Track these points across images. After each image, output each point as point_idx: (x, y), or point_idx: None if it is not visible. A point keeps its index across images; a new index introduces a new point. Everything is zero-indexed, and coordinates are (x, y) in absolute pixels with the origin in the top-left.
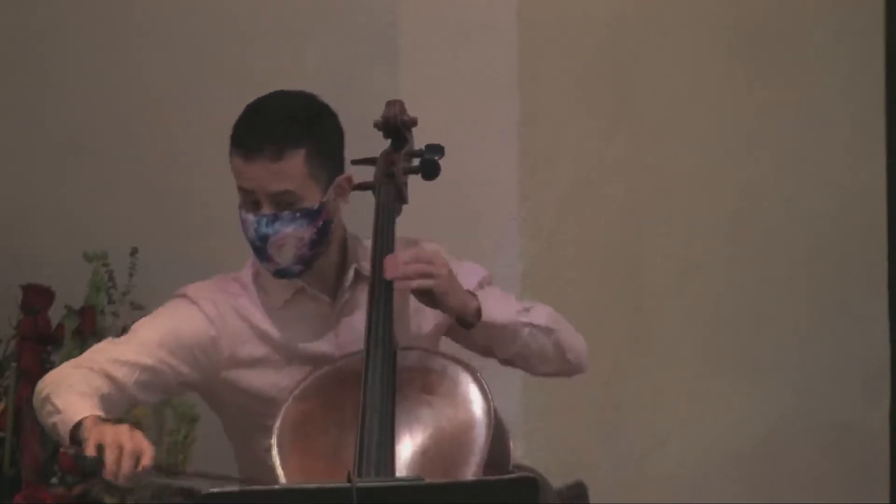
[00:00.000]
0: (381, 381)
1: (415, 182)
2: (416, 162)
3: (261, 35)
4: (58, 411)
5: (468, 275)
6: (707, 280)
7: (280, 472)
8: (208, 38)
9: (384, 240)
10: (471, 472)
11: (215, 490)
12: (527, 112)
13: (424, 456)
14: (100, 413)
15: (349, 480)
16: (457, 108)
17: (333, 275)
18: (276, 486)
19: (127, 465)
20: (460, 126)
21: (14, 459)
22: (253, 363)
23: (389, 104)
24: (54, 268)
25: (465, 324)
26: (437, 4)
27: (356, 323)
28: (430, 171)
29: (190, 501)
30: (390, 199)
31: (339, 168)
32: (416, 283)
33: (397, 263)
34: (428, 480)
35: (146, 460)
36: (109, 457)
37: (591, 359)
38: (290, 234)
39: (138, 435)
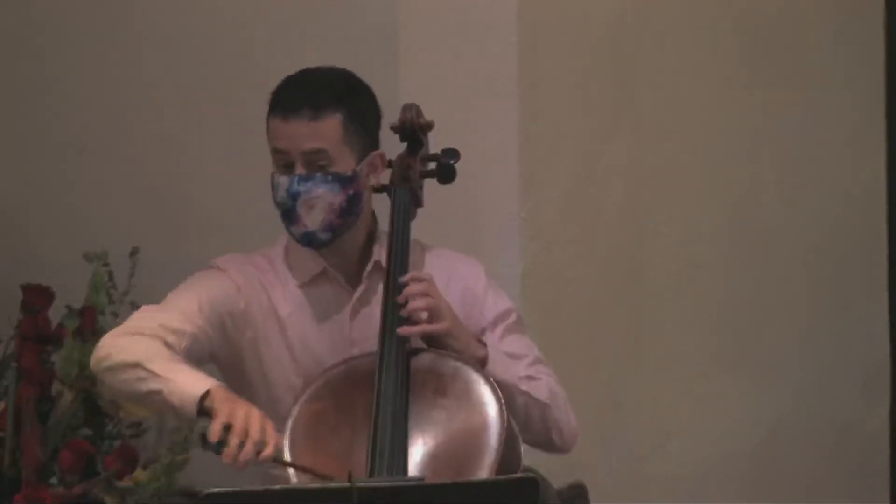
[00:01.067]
0: (394, 382)
1: None
2: (431, 166)
3: (261, 35)
4: (159, 377)
5: (496, 300)
6: (707, 280)
7: (291, 470)
8: (208, 39)
9: (399, 243)
10: (482, 475)
11: (215, 490)
12: (527, 112)
13: (436, 458)
14: (218, 382)
15: (349, 480)
16: (457, 108)
17: (356, 261)
18: (277, 487)
19: (248, 451)
20: (460, 126)
21: (14, 459)
22: (268, 343)
23: (406, 108)
24: (54, 268)
25: None
26: (437, 4)
27: (372, 316)
28: (446, 175)
29: (190, 501)
30: (406, 202)
31: (374, 144)
32: (419, 330)
33: (406, 307)
34: (428, 480)
35: (268, 451)
36: (233, 441)
37: (591, 359)
38: (321, 196)
39: (267, 424)
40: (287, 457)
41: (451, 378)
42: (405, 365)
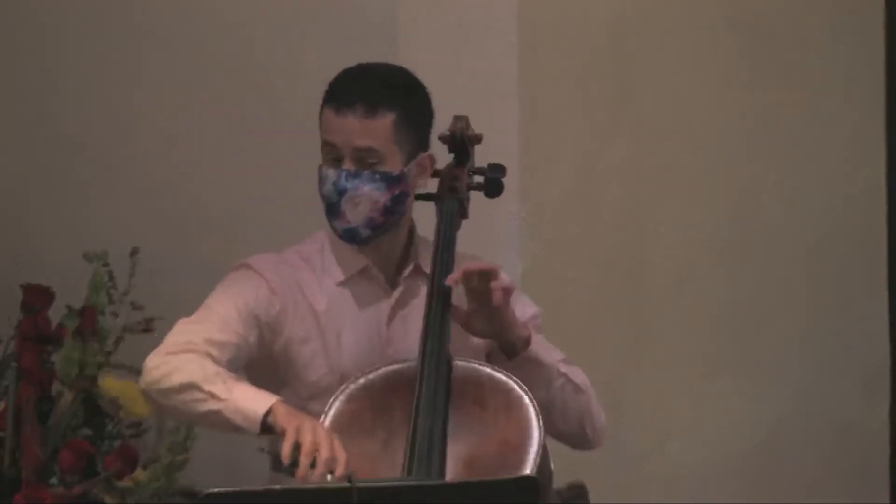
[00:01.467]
0: (435, 389)
1: None
2: (478, 179)
3: (261, 35)
4: (216, 396)
5: (523, 306)
6: (707, 280)
7: None
8: (208, 38)
9: (446, 254)
10: None
11: (215, 490)
12: (527, 112)
13: (472, 468)
14: (278, 397)
15: (349, 480)
16: (457, 108)
17: (395, 262)
18: (277, 487)
19: (321, 471)
20: None
21: (14, 459)
22: (304, 340)
23: (457, 119)
24: (54, 268)
25: (510, 350)
26: (437, 4)
27: (409, 318)
28: (494, 189)
29: (190, 501)
30: (453, 213)
31: (424, 145)
32: (479, 265)
33: (472, 266)
34: (428, 480)
35: (340, 470)
36: (304, 462)
37: (591, 359)
38: (367, 194)
39: (336, 440)
40: None
41: (491, 389)
42: (447, 372)
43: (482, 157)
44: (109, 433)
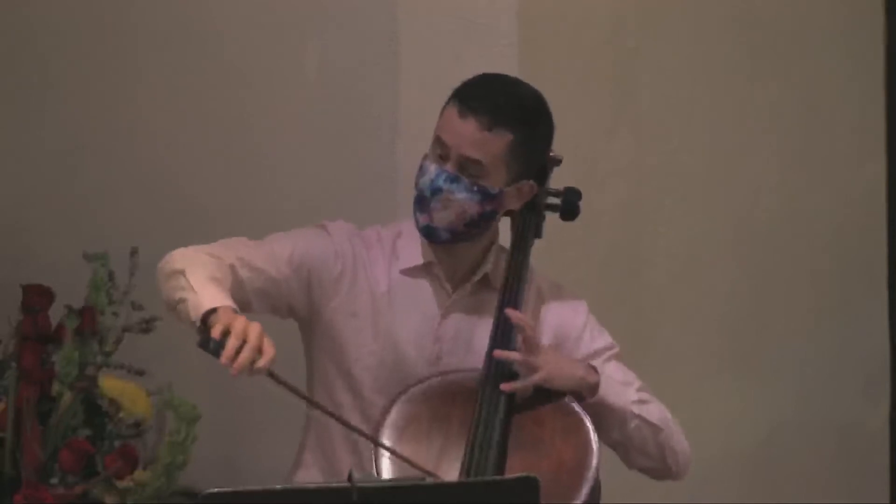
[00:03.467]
0: (497, 404)
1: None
2: (555, 200)
3: (261, 35)
4: (191, 289)
5: (598, 338)
6: (707, 280)
7: (385, 468)
8: (208, 38)
9: (517, 270)
10: None
11: (215, 490)
12: None
13: None
14: (234, 305)
15: (349, 480)
16: None
17: (466, 266)
18: (277, 486)
19: (244, 356)
20: None
21: (14, 459)
22: (354, 314)
23: None
24: (54, 268)
25: (578, 397)
26: (437, 4)
27: (463, 323)
28: (570, 212)
29: (190, 501)
30: (529, 230)
31: (530, 173)
32: (519, 386)
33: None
34: (428, 480)
35: (263, 362)
36: (232, 343)
37: None
38: (459, 201)
39: (266, 337)
40: (383, 452)
41: (551, 411)
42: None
43: None
44: (109, 433)
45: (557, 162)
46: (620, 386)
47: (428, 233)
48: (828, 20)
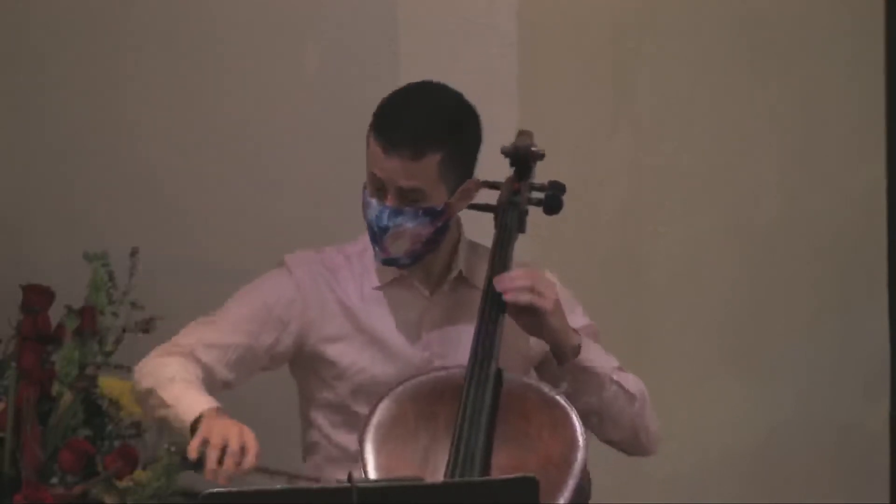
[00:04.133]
0: (482, 399)
1: None
2: (538, 195)
3: (261, 35)
4: (165, 405)
5: (578, 316)
6: (707, 280)
7: (371, 468)
8: (208, 38)
9: (500, 267)
10: None
11: (215, 490)
12: (527, 112)
13: None
14: (216, 404)
15: (349, 480)
16: None
17: (438, 272)
18: (277, 487)
19: (228, 464)
20: None
21: (14, 459)
22: (335, 338)
23: (522, 134)
24: (54, 268)
25: (561, 356)
26: (437, 4)
27: (448, 325)
28: (554, 206)
29: (190, 501)
30: (512, 225)
31: (469, 172)
32: (524, 298)
33: (508, 278)
34: (428, 480)
35: (248, 462)
36: (211, 455)
37: None
38: (409, 230)
39: (247, 434)
40: (367, 452)
41: (537, 404)
42: (495, 383)
43: (482, 157)
44: (109, 433)
45: (540, 156)
46: (600, 353)
47: (390, 263)
48: (828, 20)
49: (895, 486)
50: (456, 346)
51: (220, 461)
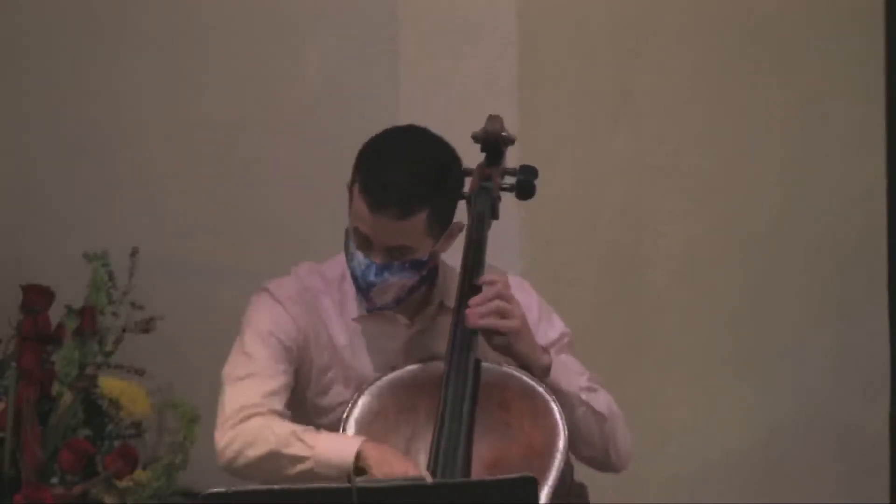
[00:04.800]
0: (462, 390)
1: None
2: (510, 180)
3: (261, 35)
4: (301, 458)
5: (550, 327)
6: (707, 280)
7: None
8: (208, 38)
9: (475, 253)
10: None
11: (215, 490)
12: (527, 112)
13: (495, 472)
14: (362, 436)
15: (349, 481)
16: (457, 108)
17: (417, 301)
18: (277, 486)
19: None
20: (460, 126)
21: (14, 459)
22: (325, 369)
23: (492, 119)
24: (54, 268)
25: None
26: (437, 4)
27: (428, 350)
28: (526, 191)
29: (190, 501)
30: (485, 212)
31: (452, 217)
32: (486, 323)
33: (475, 303)
34: (428, 480)
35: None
36: None
37: (591, 359)
38: (396, 281)
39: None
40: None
41: (517, 394)
42: (474, 373)
43: (481, 157)
44: (109, 433)
45: (511, 141)
46: (572, 372)
47: (377, 310)
48: (828, 20)
49: (895, 486)
50: None
51: None
